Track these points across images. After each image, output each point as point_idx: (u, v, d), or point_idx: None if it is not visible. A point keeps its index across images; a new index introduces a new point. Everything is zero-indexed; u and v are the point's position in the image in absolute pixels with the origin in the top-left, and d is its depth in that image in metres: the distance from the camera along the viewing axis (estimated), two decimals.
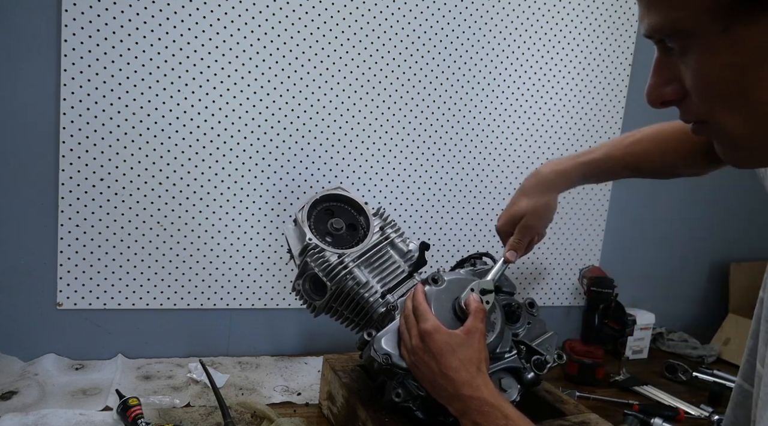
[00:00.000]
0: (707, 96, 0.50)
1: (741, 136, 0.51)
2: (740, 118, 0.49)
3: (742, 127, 0.50)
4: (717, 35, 0.46)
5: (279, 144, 1.36)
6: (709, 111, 0.51)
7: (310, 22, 1.33)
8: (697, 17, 0.46)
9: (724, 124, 0.51)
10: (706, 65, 0.48)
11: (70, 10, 1.16)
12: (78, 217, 1.24)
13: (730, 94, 0.48)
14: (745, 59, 0.46)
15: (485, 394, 0.78)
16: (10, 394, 1.11)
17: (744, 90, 0.48)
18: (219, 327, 1.40)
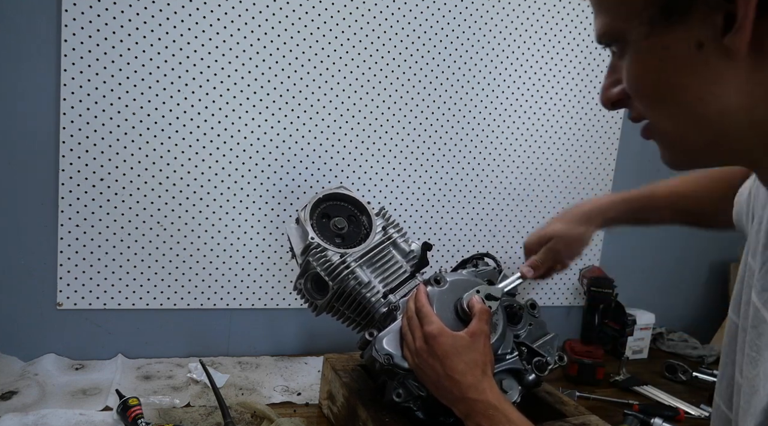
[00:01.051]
0: (640, 97, 0.52)
1: (672, 137, 0.53)
2: (670, 119, 0.51)
3: (673, 128, 0.52)
4: (643, 40, 0.49)
5: (279, 144, 1.36)
6: (645, 111, 0.53)
7: (310, 22, 1.33)
8: (626, 23, 0.49)
9: (658, 125, 0.53)
10: (636, 68, 0.51)
11: (70, 10, 1.16)
12: (78, 217, 1.24)
13: (659, 97, 0.51)
14: (668, 64, 0.48)
15: (490, 398, 0.78)
16: (10, 394, 1.11)
17: (670, 93, 0.50)
18: (219, 327, 1.40)
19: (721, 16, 0.44)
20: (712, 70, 0.46)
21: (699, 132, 0.50)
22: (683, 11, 0.45)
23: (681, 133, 0.52)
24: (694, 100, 0.48)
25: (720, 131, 0.49)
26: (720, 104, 0.47)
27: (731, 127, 0.48)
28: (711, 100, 0.47)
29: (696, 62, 0.46)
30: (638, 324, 1.61)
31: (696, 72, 0.47)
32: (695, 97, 0.48)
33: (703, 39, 0.45)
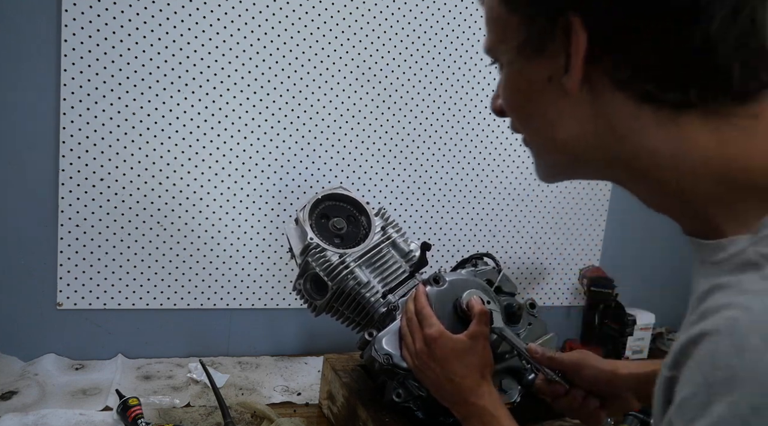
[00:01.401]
0: (509, 113, 0.58)
1: (538, 152, 0.58)
2: (533, 137, 0.58)
3: (536, 144, 0.58)
4: (510, 65, 0.55)
5: (279, 144, 1.36)
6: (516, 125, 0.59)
7: (310, 22, 1.33)
8: (498, 47, 0.55)
9: (527, 140, 0.59)
10: (505, 87, 0.57)
11: (70, 10, 1.16)
12: (78, 217, 1.24)
13: (522, 116, 0.57)
14: (527, 90, 0.54)
15: (488, 404, 0.79)
16: (10, 394, 1.11)
17: (529, 115, 0.56)
18: (219, 327, 1.40)
19: (564, 58, 0.49)
20: (559, 102, 0.51)
21: (556, 152, 0.55)
22: (538, 48, 0.51)
23: (543, 150, 0.57)
24: (547, 124, 0.54)
25: (573, 153, 0.54)
26: (567, 131, 0.52)
27: (582, 150, 0.53)
28: (560, 127, 0.53)
29: (547, 92, 0.52)
30: (638, 324, 1.61)
31: (547, 101, 0.52)
32: (548, 123, 0.54)
33: (552, 74, 0.51)
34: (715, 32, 0.44)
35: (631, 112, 0.48)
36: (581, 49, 0.47)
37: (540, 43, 0.51)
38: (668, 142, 0.48)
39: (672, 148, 0.48)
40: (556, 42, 0.49)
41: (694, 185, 0.48)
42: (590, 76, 0.49)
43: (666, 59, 0.46)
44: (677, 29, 0.44)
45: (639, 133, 0.49)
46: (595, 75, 0.49)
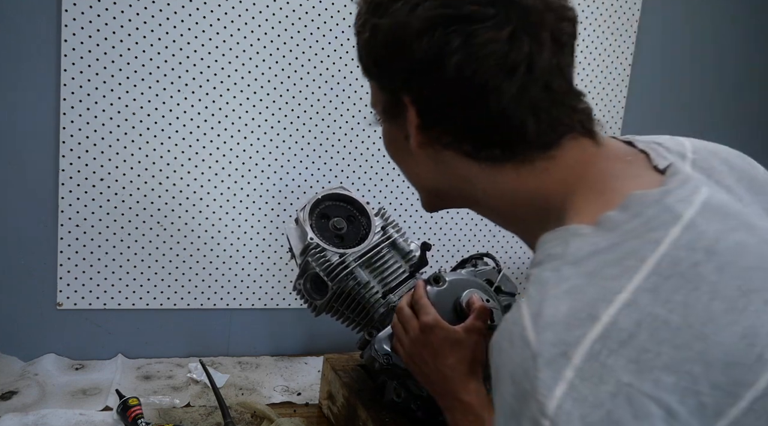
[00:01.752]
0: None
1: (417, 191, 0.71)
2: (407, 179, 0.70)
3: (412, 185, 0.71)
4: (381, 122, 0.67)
5: (279, 144, 1.36)
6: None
7: (310, 22, 1.33)
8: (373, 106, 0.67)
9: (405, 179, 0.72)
10: (382, 137, 0.69)
11: (70, 10, 1.16)
12: (78, 217, 1.24)
13: (396, 163, 0.69)
14: (394, 144, 0.67)
15: (474, 401, 0.79)
16: (10, 394, 1.11)
17: (400, 163, 0.68)
18: (219, 327, 1.40)
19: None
20: (414, 156, 0.64)
21: (424, 192, 0.69)
22: (395, 115, 0.62)
23: (416, 189, 0.70)
24: (411, 171, 0.68)
25: (436, 192, 0.67)
26: (427, 177, 0.66)
27: (443, 190, 0.66)
28: (421, 174, 0.66)
29: (407, 147, 0.63)
30: None
31: (408, 154, 0.64)
32: (411, 170, 0.67)
33: (406, 134, 0.62)
34: (508, 104, 0.55)
35: (462, 165, 0.61)
36: (413, 120, 0.60)
37: (393, 111, 0.62)
38: (492, 185, 0.60)
39: (494, 189, 0.60)
40: (402, 111, 0.61)
41: (517, 212, 0.61)
42: (428, 139, 0.61)
43: (474, 127, 0.58)
44: (476, 105, 0.56)
45: (473, 179, 0.61)
46: (431, 138, 0.60)
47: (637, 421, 0.42)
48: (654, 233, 0.48)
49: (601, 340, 0.44)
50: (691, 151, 0.60)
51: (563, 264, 0.49)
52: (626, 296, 0.45)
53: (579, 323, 0.45)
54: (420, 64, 0.57)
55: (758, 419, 0.44)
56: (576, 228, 0.52)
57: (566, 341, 0.44)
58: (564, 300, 0.47)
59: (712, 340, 0.44)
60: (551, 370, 0.44)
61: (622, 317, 0.45)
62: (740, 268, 0.47)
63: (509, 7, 0.54)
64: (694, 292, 0.46)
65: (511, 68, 0.54)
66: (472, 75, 0.55)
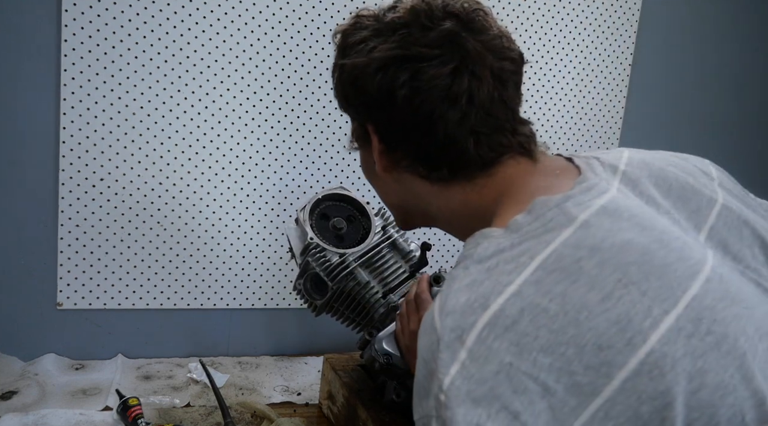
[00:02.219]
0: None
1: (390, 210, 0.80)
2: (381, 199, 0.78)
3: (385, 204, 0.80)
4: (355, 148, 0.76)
5: (279, 144, 1.36)
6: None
7: (310, 22, 1.33)
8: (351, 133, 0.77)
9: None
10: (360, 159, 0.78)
11: (70, 10, 1.16)
12: (78, 217, 1.24)
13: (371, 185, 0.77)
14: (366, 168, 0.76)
15: None
16: (10, 394, 1.11)
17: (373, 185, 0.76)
18: (219, 327, 1.40)
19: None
20: (381, 179, 0.72)
21: (395, 210, 0.78)
22: (366, 142, 0.71)
23: (389, 208, 0.79)
24: (383, 193, 0.76)
25: (404, 210, 0.75)
26: (394, 197, 0.74)
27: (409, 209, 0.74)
28: (390, 194, 0.74)
29: (377, 172, 0.71)
30: None
31: (378, 177, 0.72)
32: (383, 192, 0.76)
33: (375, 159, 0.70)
34: (452, 129, 0.63)
35: (420, 185, 0.68)
36: (376, 146, 0.68)
37: (364, 138, 0.71)
38: (444, 202, 0.68)
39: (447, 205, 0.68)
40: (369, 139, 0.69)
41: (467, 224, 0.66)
42: (391, 163, 0.68)
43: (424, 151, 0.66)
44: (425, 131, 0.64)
45: (428, 197, 0.69)
46: (392, 162, 0.68)
47: (516, 395, 0.48)
48: (548, 234, 0.55)
49: (489, 325, 0.50)
50: (625, 163, 0.65)
51: (471, 262, 0.56)
52: (514, 288, 0.52)
53: (472, 311, 0.51)
54: (376, 97, 0.65)
55: (629, 398, 0.49)
56: (489, 231, 0.59)
57: (461, 327, 0.51)
58: (464, 292, 0.53)
59: (585, 326, 0.50)
60: (449, 352, 0.50)
61: (509, 306, 0.51)
62: (621, 263, 0.52)
63: (453, 49, 0.62)
64: (573, 284, 0.51)
65: (453, 99, 0.62)
66: (419, 105, 0.62)
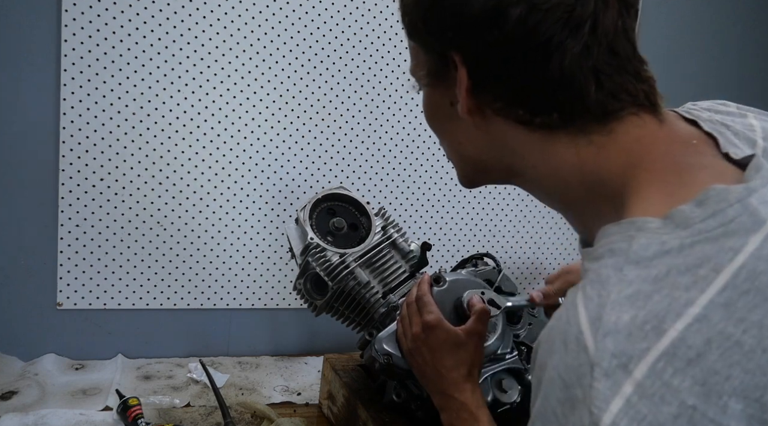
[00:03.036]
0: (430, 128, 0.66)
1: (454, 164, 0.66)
2: (449, 151, 0.66)
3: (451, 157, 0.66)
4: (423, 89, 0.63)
5: (279, 144, 1.36)
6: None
7: (310, 22, 1.33)
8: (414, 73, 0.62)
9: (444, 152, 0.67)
10: (423, 105, 0.64)
11: (70, 10, 1.16)
12: (78, 217, 1.24)
13: (437, 133, 0.65)
14: (437, 111, 0.62)
15: (468, 400, 0.79)
16: (10, 394, 1.11)
17: (441, 132, 0.64)
18: (219, 327, 1.40)
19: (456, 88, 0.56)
20: (460, 123, 0.59)
21: (466, 163, 0.64)
22: (440, 77, 0.58)
23: (456, 162, 0.66)
24: (456, 141, 0.62)
25: (481, 164, 0.62)
26: (472, 147, 0.61)
27: (487, 162, 0.61)
28: (465, 144, 0.61)
29: (452, 114, 0.59)
30: None
31: (453, 122, 0.60)
32: (455, 140, 0.62)
33: (453, 100, 0.58)
34: (570, 64, 0.51)
35: (513, 133, 0.56)
36: (463, 82, 0.55)
37: (440, 74, 0.58)
38: (543, 158, 0.55)
39: (546, 163, 0.55)
40: (450, 74, 0.56)
41: (570, 193, 0.56)
42: (478, 103, 0.56)
43: (530, 90, 0.53)
44: (535, 64, 0.51)
45: (523, 151, 0.57)
46: (481, 102, 0.56)
47: None
48: (731, 239, 0.44)
49: (666, 356, 0.40)
50: (761, 136, 0.54)
51: (626, 263, 0.45)
52: (697, 311, 0.41)
53: (643, 335, 0.41)
54: (476, 17, 0.52)
55: None
56: (643, 221, 0.47)
57: (628, 353, 0.41)
58: (626, 306, 0.43)
59: None
60: (609, 382, 0.40)
61: (691, 334, 0.41)
62: None
63: None
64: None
65: (575, 25, 0.50)
66: (534, 29, 0.50)
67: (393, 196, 1.48)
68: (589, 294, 0.45)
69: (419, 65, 0.61)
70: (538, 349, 0.48)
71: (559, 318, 0.46)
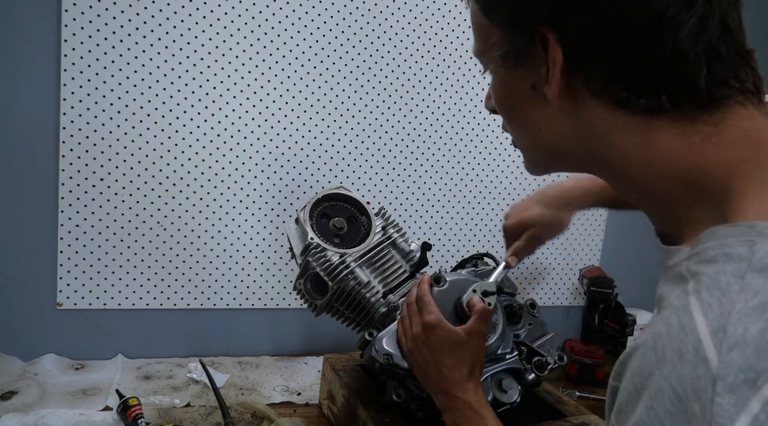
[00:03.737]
0: (500, 114, 0.61)
1: (524, 151, 0.62)
2: (521, 138, 0.60)
3: (523, 144, 0.61)
4: (496, 72, 0.57)
5: (279, 144, 1.36)
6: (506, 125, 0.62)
7: (310, 22, 1.33)
8: (485, 54, 0.57)
9: (515, 140, 0.62)
10: (494, 91, 0.59)
11: (70, 10, 1.16)
12: (78, 217, 1.24)
13: (510, 118, 0.60)
14: (514, 96, 0.57)
15: (471, 399, 0.79)
16: (10, 394, 1.11)
17: (516, 118, 0.59)
18: (219, 327, 1.40)
19: (545, 68, 0.51)
20: (541, 108, 0.54)
21: (542, 151, 0.59)
22: (521, 58, 0.53)
23: (530, 149, 0.61)
24: (534, 128, 0.57)
25: (558, 152, 0.57)
26: (552, 132, 0.56)
27: (566, 150, 0.56)
28: (545, 129, 0.56)
29: (532, 99, 0.55)
30: (638, 324, 1.61)
31: (532, 106, 0.55)
32: (534, 126, 0.57)
33: (535, 82, 0.54)
34: (684, 40, 0.46)
35: (608, 118, 0.51)
36: (558, 61, 0.50)
37: (521, 55, 0.53)
38: (639, 146, 0.51)
39: (641, 152, 0.51)
40: (535, 54, 0.52)
41: (661, 186, 0.51)
42: (569, 85, 0.51)
43: (638, 68, 0.48)
44: (647, 40, 0.47)
45: (613, 138, 0.52)
46: (573, 84, 0.51)
47: None
48: None
49: None
50: None
51: (750, 270, 0.41)
52: None
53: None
54: None
55: None
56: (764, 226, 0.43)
57: (757, 368, 0.38)
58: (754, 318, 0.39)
59: None
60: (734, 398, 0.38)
61: None
62: None
63: None
64: None
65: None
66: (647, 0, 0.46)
67: (393, 196, 1.48)
68: (707, 301, 0.41)
69: (492, 46, 0.55)
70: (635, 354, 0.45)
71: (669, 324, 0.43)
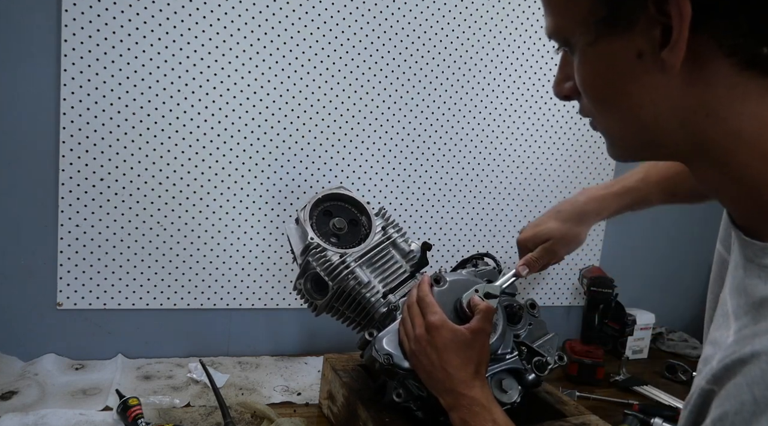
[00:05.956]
0: (587, 97, 0.54)
1: (614, 134, 0.56)
2: (612, 120, 0.54)
3: (615, 127, 0.55)
4: (589, 46, 0.50)
5: (279, 144, 1.36)
6: (592, 109, 0.55)
7: (310, 22, 1.33)
8: (573, 28, 0.51)
9: (602, 122, 0.56)
10: (583, 70, 0.52)
11: (70, 10, 1.16)
12: (78, 217, 1.24)
13: (603, 98, 0.53)
14: (611, 70, 0.50)
15: (479, 395, 0.79)
16: (10, 394, 1.11)
17: (613, 96, 0.52)
18: (219, 327, 1.40)
19: (659, 31, 0.45)
20: (650, 79, 0.48)
21: (637, 133, 0.53)
22: (625, 22, 0.47)
23: (622, 132, 0.54)
24: (634, 105, 0.50)
25: (655, 134, 0.51)
26: (656, 110, 0.49)
27: (665, 131, 0.50)
28: (648, 106, 0.49)
29: (636, 71, 0.48)
30: (638, 324, 1.61)
31: (636, 79, 0.49)
32: (635, 103, 0.50)
33: (642, 49, 0.47)
34: None
35: (733, 82, 0.45)
36: (687, 17, 0.43)
37: (628, 18, 0.46)
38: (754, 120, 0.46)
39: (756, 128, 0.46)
40: (647, 14, 0.45)
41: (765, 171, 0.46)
42: (692, 47, 0.44)
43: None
44: None
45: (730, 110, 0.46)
46: (698, 44, 0.44)
47: None
48: None
49: None
50: None
51: None
52: None
53: None
54: None
55: None
56: None
57: None
58: None
59: None
60: None
61: None
62: None
63: None
64: None
65: None
66: None
67: (393, 196, 1.48)
68: None
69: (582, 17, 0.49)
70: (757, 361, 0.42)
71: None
